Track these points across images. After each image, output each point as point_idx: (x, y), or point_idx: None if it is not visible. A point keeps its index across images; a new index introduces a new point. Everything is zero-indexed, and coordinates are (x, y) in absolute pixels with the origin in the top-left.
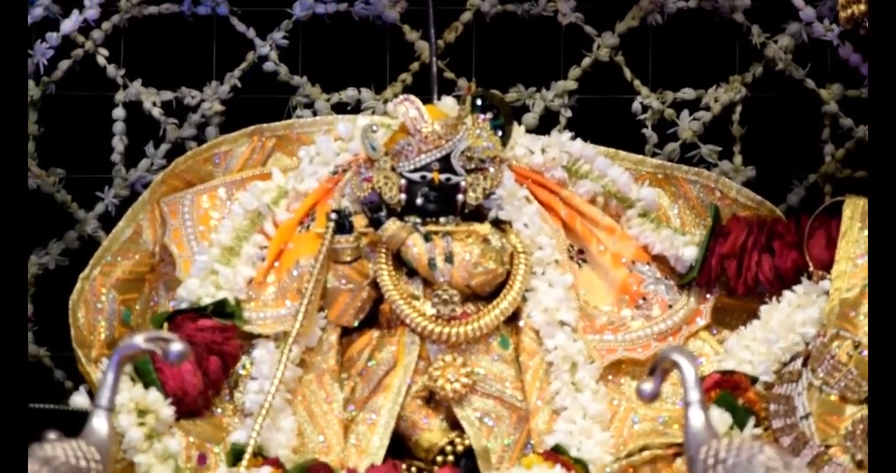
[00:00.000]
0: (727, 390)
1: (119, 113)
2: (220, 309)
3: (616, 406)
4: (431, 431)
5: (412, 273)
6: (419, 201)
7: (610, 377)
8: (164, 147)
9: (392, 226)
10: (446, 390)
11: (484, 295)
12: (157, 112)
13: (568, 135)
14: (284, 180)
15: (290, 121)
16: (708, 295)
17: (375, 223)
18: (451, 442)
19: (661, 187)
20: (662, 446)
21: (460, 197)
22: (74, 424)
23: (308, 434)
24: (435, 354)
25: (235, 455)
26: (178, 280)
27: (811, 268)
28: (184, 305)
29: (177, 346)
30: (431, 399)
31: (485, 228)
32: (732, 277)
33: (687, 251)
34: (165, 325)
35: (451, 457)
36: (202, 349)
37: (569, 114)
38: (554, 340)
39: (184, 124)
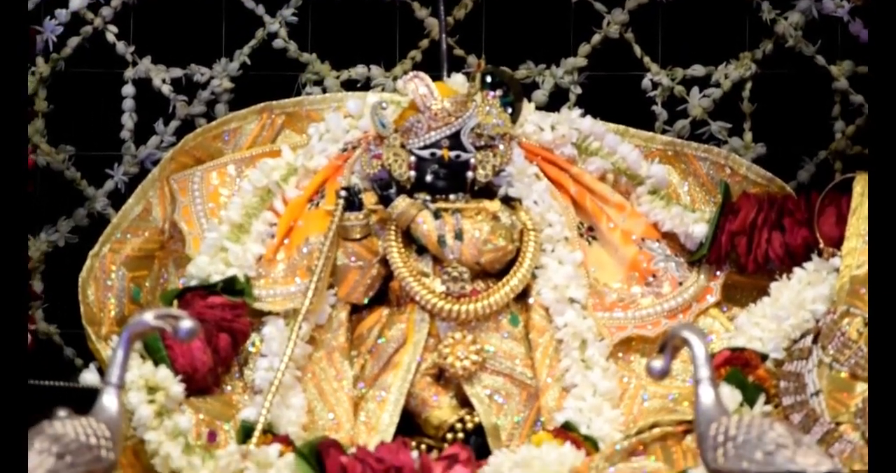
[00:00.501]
0: (737, 367)
1: (128, 90)
2: (230, 286)
3: (626, 383)
4: (441, 408)
5: (422, 250)
6: (429, 178)
7: (620, 354)
8: (174, 124)
9: (402, 203)
10: (456, 367)
11: (494, 273)
12: (166, 89)
13: (578, 112)
14: (294, 157)
15: (300, 98)
16: (718, 273)
17: (385, 200)
18: (461, 420)
19: (670, 164)
20: (672, 423)
21: (470, 174)
22: (84, 401)
23: (318, 412)
24: (445, 331)
25: (245, 433)
26: (188, 257)
27: (821, 245)
28: (193, 282)
29: (187, 323)
30: (441, 376)
31: (494, 205)
32: (742, 254)
33: (697, 228)
34: (175, 302)
35: (460, 435)
36: (212, 326)
37: (578, 91)
38: (564, 317)
39: (193, 101)
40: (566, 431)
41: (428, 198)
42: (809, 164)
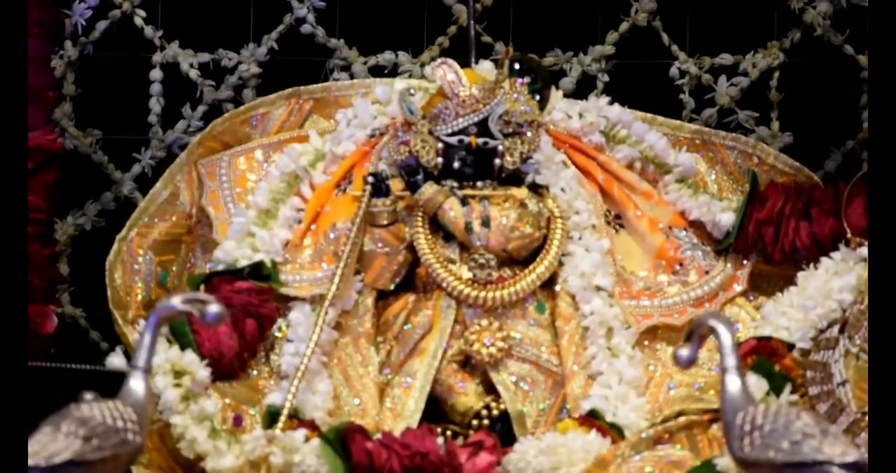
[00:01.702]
0: (764, 356)
1: (156, 74)
2: (257, 271)
3: (652, 371)
4: (467, 395)
5: (449, 237)
6: (456, 165)
7: (646, 342)
8: (201, 108)
9: (429, 189)
10: (482, 354)
11: (520, 260)
12: (194, 74)
13: (605, 99)
14: (321, 143)
15: (328, 83)
16: (745, 262)
17: (412, 186)
18: (487, 406)
19: (698, 153)
20: (698, 411)
21: (497, 161)
22: (110, 385)
23: (344, 397)
24: (471, 318)
25: (271, 417)
26: (215, 242)
27: (849, 235)
28: (220, 267)
29: (214, 308)
30: (467, 363)
31: (522, 192)
32: (770, 243)
33: (724, 217)
34: (202, 287)
35: (486, 421)
36: (238, 311)
37: (606, 78)
38: (590, 305)
39: (221, 86)
40: (592, 419)
41: (455, 184)
42: (836, 154)
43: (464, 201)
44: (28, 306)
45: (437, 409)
